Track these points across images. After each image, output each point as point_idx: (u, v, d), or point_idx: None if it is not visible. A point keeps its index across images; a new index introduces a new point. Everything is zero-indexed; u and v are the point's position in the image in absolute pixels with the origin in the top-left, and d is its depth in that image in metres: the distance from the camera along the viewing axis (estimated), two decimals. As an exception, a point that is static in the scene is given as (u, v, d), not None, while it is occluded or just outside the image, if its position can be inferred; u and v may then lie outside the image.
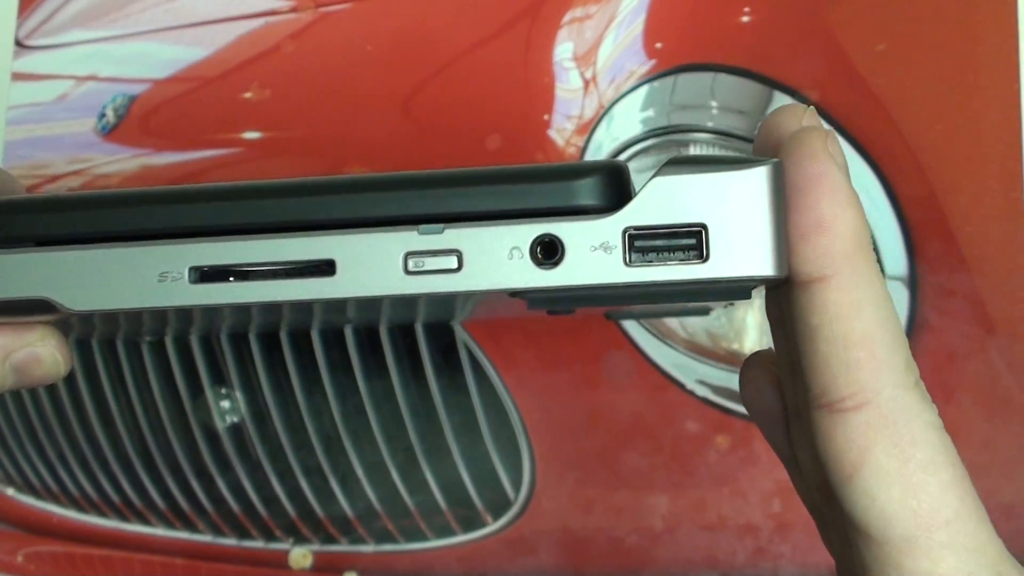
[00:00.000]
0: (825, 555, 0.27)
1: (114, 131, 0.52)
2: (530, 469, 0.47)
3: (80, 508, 0.51)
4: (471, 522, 0.48)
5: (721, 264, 0.22)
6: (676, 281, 0.22)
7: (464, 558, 0.48)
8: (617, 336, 0.47)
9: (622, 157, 0.47)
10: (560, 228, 0.22)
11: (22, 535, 0.52)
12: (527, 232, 0.22)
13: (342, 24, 0.51)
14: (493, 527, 0.48)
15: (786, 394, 0.26)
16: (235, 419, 0.49)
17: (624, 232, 0.22)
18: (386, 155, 0.49)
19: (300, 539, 0.49)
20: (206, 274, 0.23)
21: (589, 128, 0.48)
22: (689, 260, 0.22)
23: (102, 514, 0.51)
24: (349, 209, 0.23)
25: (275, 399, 0.49)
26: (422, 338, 0.47)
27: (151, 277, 0.23)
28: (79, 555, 0.51)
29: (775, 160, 0.22)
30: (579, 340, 0.47)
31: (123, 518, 0.51)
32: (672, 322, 0.46)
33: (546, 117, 0.48)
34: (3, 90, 0.54)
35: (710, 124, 0.46)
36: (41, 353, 0.26)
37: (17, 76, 0.54)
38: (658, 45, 0.48)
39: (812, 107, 0.24)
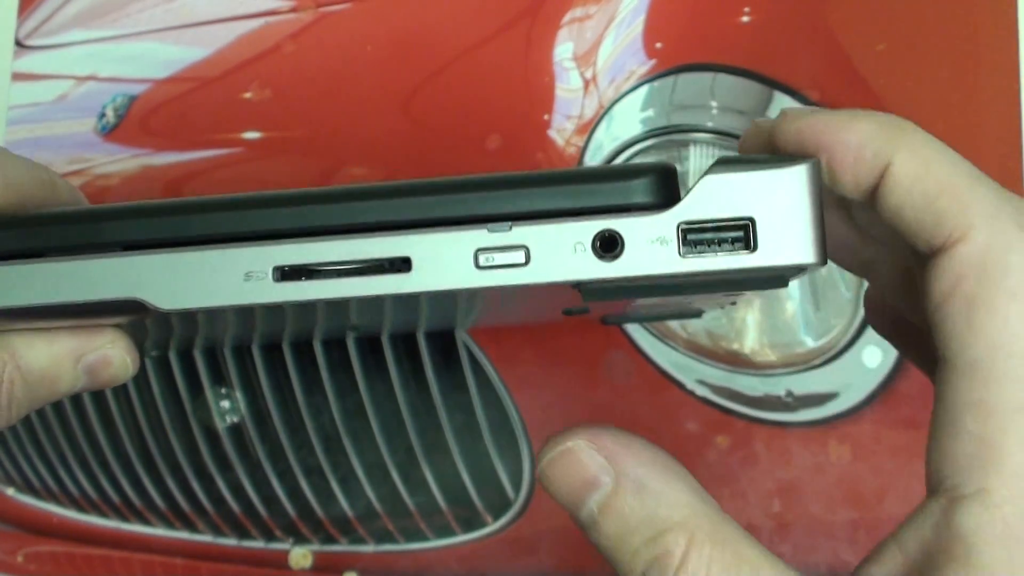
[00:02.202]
0: (825, 555, 0.27)
1: (114, 131, 0.52)
2: (530, 469, 0.47)
3: (80, 508, 0.51)
4: (471, 522, 0.48)
5: (767, 254, 0.24)
6: (726, 270, 0.24)
7: (464, 558, 0.48)
8: (617, 336, 0.47)
9: (622, 157, 0.47)
10: (619, 224, 0.24)
11: (22, 535, 0.52)
12: (589, 228, 0.24)
13: (342, 24, 0.51)
14: (493, 527, 0.48)
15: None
16: (235, 419, 0.49)
17: (678, 226, 0.24)
18: (386, 155, 0.49)
19: (300, 539, 0.49)
20: (289, 273, 0.24)
21: (589, 128, 0.48)
22: (738, 250, 0.24)
23: (102, 514, 0.51)
24: (423, 210, 0.24)
25: (275, 399, 0.49)
26: (422, 338, 0.47)
27: (237, 276, 0.24)
28: (79, 555, 0.51)
29: (812, 159, 0.24)
30: (579, 340, 0.47)
31: (123, 518, 0.51)
32: (672, 322, 0.46)
33: (546, 117, 0.48)
34: (3, 90, 0.54)
35: (710, 124, 0.46)
36: (112, 355, 0.27)
37: (17, 76, 0.54)
38: (658, 45, 0.48)
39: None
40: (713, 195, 0.24)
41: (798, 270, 0.24)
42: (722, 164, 0.24)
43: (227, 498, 0.50)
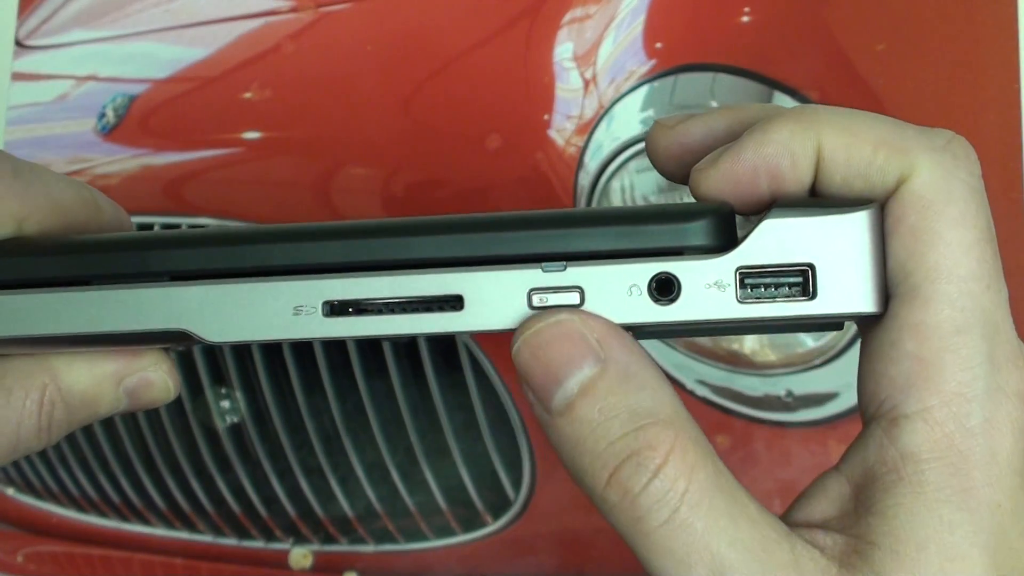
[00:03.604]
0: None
1: (114, 131, 0.52)
2: (530, 469, 0.47)
3: (80, 508, 0.51)
4: (471, 522, 0.48)
5: (827, 301, 0.23)
6: (783, 317, 0.23)
7: (464, 558, 0.48)
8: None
9: (622, 157, 0.47)
10: (676, 266, 0.23)
11: (22, 535, 0.52)
12: (645, 270, 0.23)
13: (342, 24, 0.51)
14: (493, 527, 0.48)
15: None
16: (235, 419, 0.49)
17: (737, 271, 0.23)
18: (386, 155, 0.49)
19: (300, 539, 0.49)
20: (339, 308, 0.24)
21: (589, 128, 0.48)
22: (796, 297, 0.23)
23: (102, 514, 0.51)
24: (477, 248, 0.24)
25: (275, 399, 0.49)
26: (422, 338, 0.47)
27: (286, 310, 0.24)
28: (79, 555, 0.51)
29: (875, 204, 0.23)
30: (579, 340, 0.47)
31: (123, 518, 0.51)
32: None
33: (546, 117, 0.48)
34: (3, 90, 0.54)
35: (710, 124, 0.46)
36: (153, 378, 0.27)
37: (17, 76, 0.54)
38: (658, 45, 0.48)
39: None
40: (772, 239, 0.23)
41: (856, 318, 0.24)
42: (781, 207, 0.23)
43: (227, 498, 0.50)
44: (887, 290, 0.23)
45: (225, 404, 0.49)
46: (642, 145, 0.47)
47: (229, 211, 0.50)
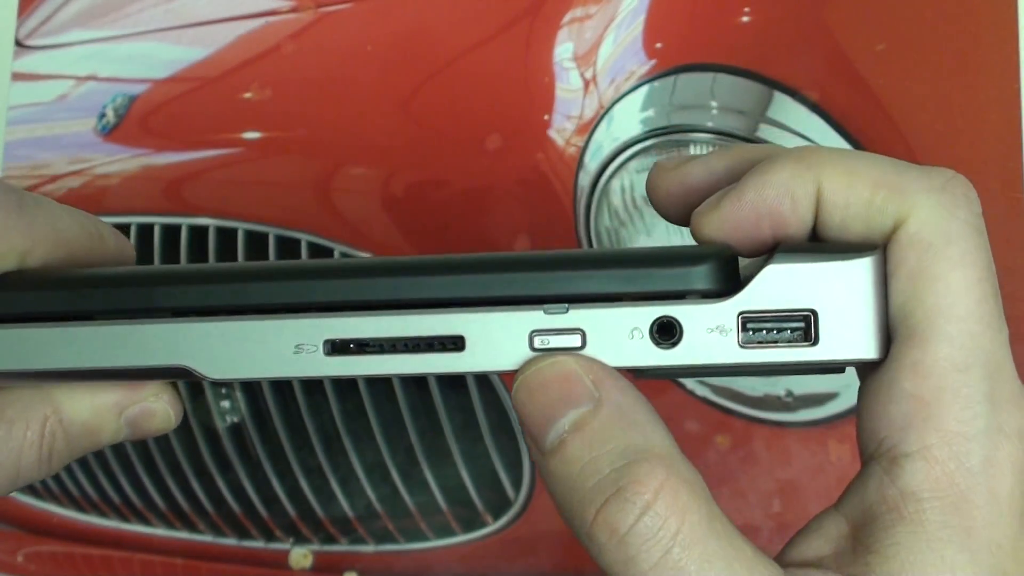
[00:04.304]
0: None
1: (114, 131, 0.52)
2: (530, 469, 0.47)
3: (80, 508, 0.51)
4: (471, 522, 0.48)
5: (829, 347, 0.23)
6: (785, 363, 0.23)
7: (464, 558, 0.48)
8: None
9: (622, 157, 0.47)
10: (678, 310, 0.23)
11: (22, 535, 0.52)
12: (647, 314, 0.23)
13: (342, 24, 0.51)
14: (493, 527, 0.48)
15: None
16: (235, 419, 0.49)
17: (739, 316, 0.23)
18: (386, 155, 0.49)
19: (300, 539, 0.49)
20: (340, 347, 0.24)
21: (589, 128, 0.48)
22: (798, 343, 0.23)
23: (102, 514, 0.51)
24: (479, 288, 0.24)
25: (275, 399, 0.49)
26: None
27: (287, 349, 0.24)
28: (79, 555, 0.51)
29: (877, 251, 0.23)
30: (579, 340, 0.47)
31: (123, 518, 0.51)
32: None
33: (546, 117, 0.48)
34: (3, 90, 0.54)
35: (710, 124, 0.46)
36: (154, 408, 0.27)
37: (17, 76, 0.54)
38: (658, 45, 0.48)
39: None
40: (775, 285, 0.23)
41: (858, 363, 0.24)
42: (784, 253, 0.23)
43: (227, 498, 0.50)
44: (889, 336, 0.23)
45: (225, 404, 0.49)
46: (642, 145, 0.47)
47: (229, 211, 0.50)
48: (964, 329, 0.22)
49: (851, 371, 0.28)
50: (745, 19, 0.47)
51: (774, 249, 0.24)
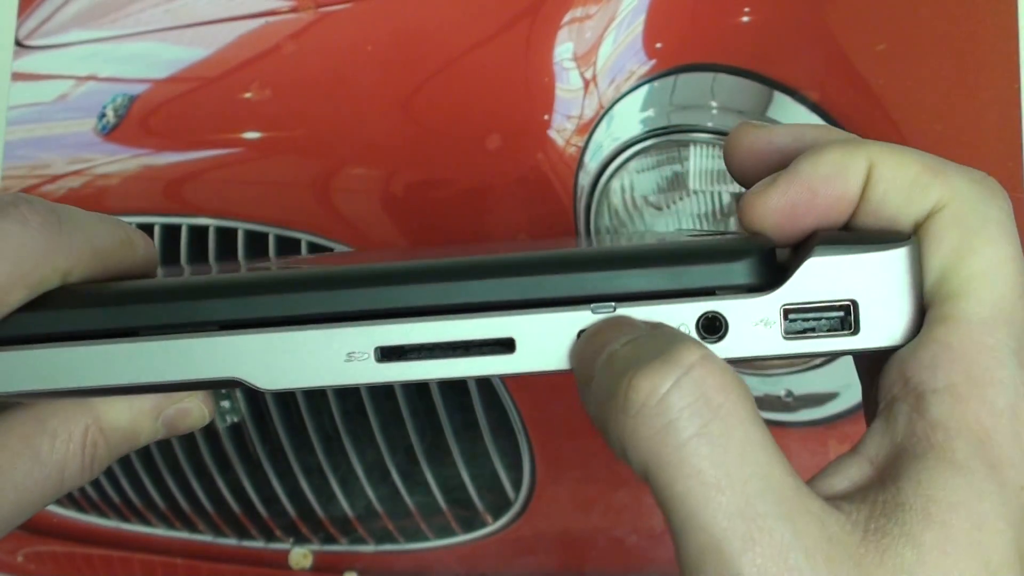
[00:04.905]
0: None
1: (114, 131, 0.52)
2: (530, 470, 0.47)
3: (80, 508, 0.51)
4: (471, 522, 0.48)
5: (869, 336, 0.24)
6: (827, 352, 0.24)
7: (464, 558, 0.48)
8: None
9: (622, 157, 0.47)
10: (723, 305, 0.24)
11: (22, 535, 0.52)
12: (693, 309, 0.24)
13: (342, 24, 0.51)
14: (493, 527, 0.48)
15: None
16: (235, 419, 0.49)
17: (782, 308, 0.24)
18: (386, 155, 0.49)
19: (300, 539, 0.49)
20: (392, 353, 0.24)
21: (589, 128, 0.48)
22: (840, 332, 0.24)
23: (102, 514, 0.51)
24: (528, 290, 0.24)
25: (275, 399, 0.49)
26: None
27: (339, 357, 0.24)
28: (79, 555, 0.51)
29: (913, 240, 0.24)
30: (579, 340, 0.47)
31: (123, 518, 0.51)
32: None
33: (546, 117, 0.48)
34: (3, 90, 0.54)
35: (710, 124, 0.46)
36: (190, 407, 0.27)
37: (17, 76, 0.54)
38: (658, 45, 0.48)
39: None
40: (816, 277, 0.24)
41: (895, 350, 0.24)
42: (823, 245, 0.24)
43: (227, 498, 0.50)
44: (923, 320, 0.24)
45: (225, 404, 0.49)
46: (642, 145, 0.47)
47: (229, 211, 0.50)
48: (996, 292, 0.23)
49: (851, 371, 0.28)
50: (745, 19, 0.47)
51: (810, 240, 0.24)
